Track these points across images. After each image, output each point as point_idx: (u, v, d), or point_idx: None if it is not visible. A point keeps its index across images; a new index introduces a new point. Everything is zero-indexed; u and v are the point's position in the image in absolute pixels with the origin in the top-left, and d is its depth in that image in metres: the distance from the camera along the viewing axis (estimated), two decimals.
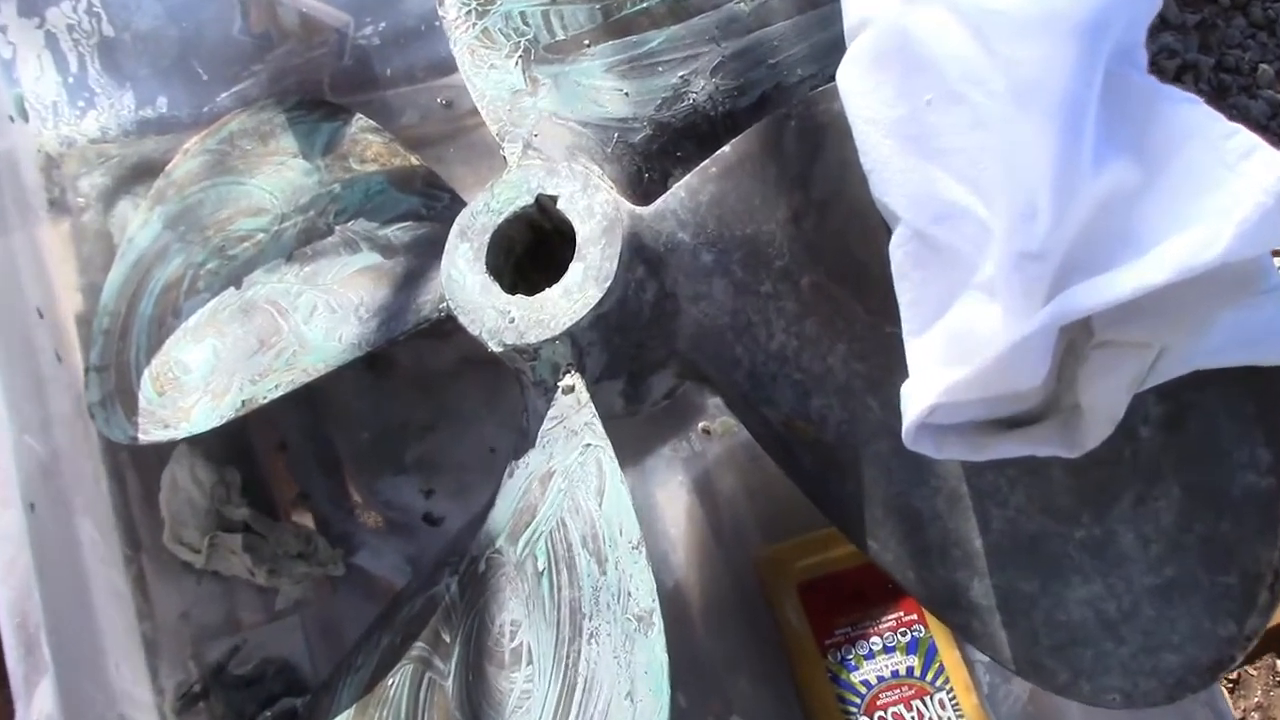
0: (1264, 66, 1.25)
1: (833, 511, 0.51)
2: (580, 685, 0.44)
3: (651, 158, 0.56)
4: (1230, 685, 0.98)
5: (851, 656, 0.61)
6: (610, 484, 0.47)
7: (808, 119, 0.49)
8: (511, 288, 0.52)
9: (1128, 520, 0.44)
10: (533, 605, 0.47)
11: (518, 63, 0.57)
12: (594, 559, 0.46)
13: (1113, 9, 0.38)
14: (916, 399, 0.42)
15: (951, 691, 0.61)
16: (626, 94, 0.56)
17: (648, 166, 0.56)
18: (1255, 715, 0.99)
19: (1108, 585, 0.44)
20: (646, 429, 0.69)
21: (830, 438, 0.49)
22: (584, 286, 0.50)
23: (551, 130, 0.56)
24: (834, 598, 0.63)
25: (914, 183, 0.43)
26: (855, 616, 0.62)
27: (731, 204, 0.51)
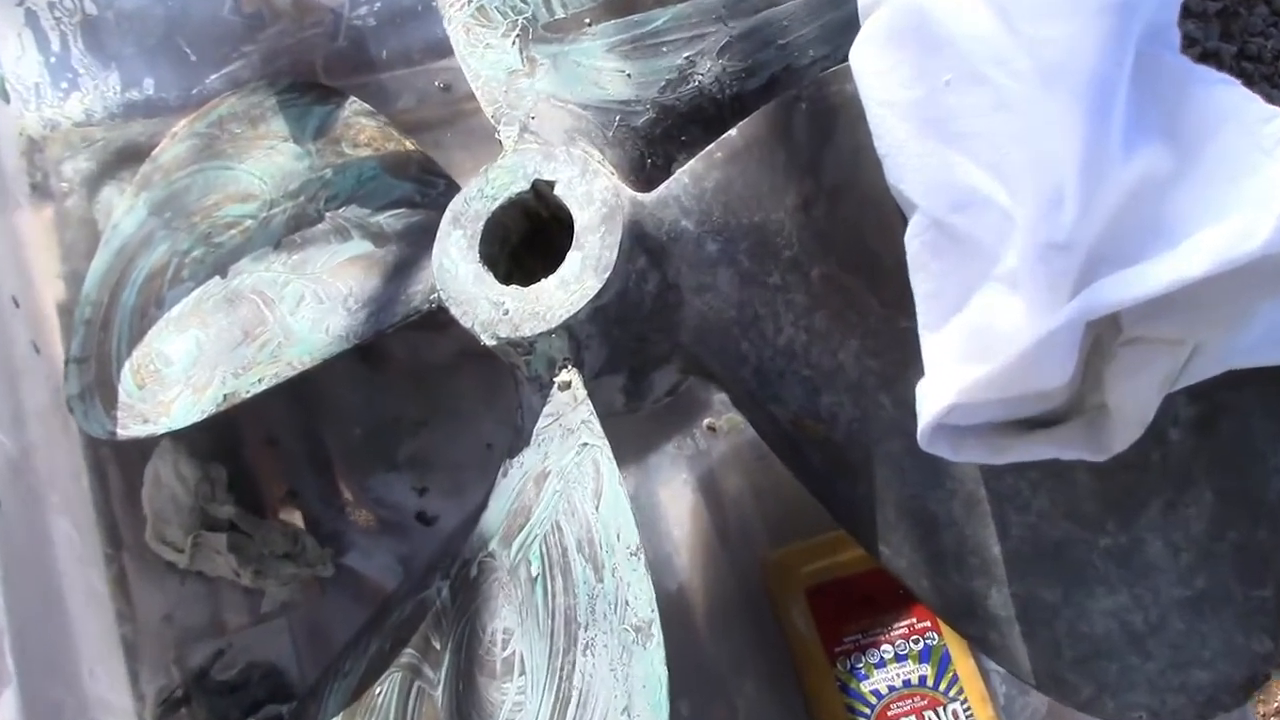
0: None
1: (843, 514, 0.50)
2: (575, 699, 0.43)
3: (655, 142, 0.55)
4: None
5: (861, 665, 0.61)
6: (608, 486, 0.46)
7: (819, 101, 0.48)
8: (507, 278, 0.51)
9: (1156, 528, 0.44)
10: (526, 613, 0.46)
11: (515, 42, 0.56)
12: (590, 565, 0.45)
13: None
14: (933, 398, 0.41)
15: (966, 703, 0.60)
16: (629, 75, 0.55)
17: (650, 151, 0.55)
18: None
19: (1134, 596, 0.44)
20: (649, 425, 0.68)
21: (840, 437, 0.49)
22: (582, 277, 0.49)
23: (550, 113, 0.55)
24: (843, 603, 0.62)
25: (932, 168, 0.42)
26: (865, 623, 0.62)
27: (738, 191, 0.50)
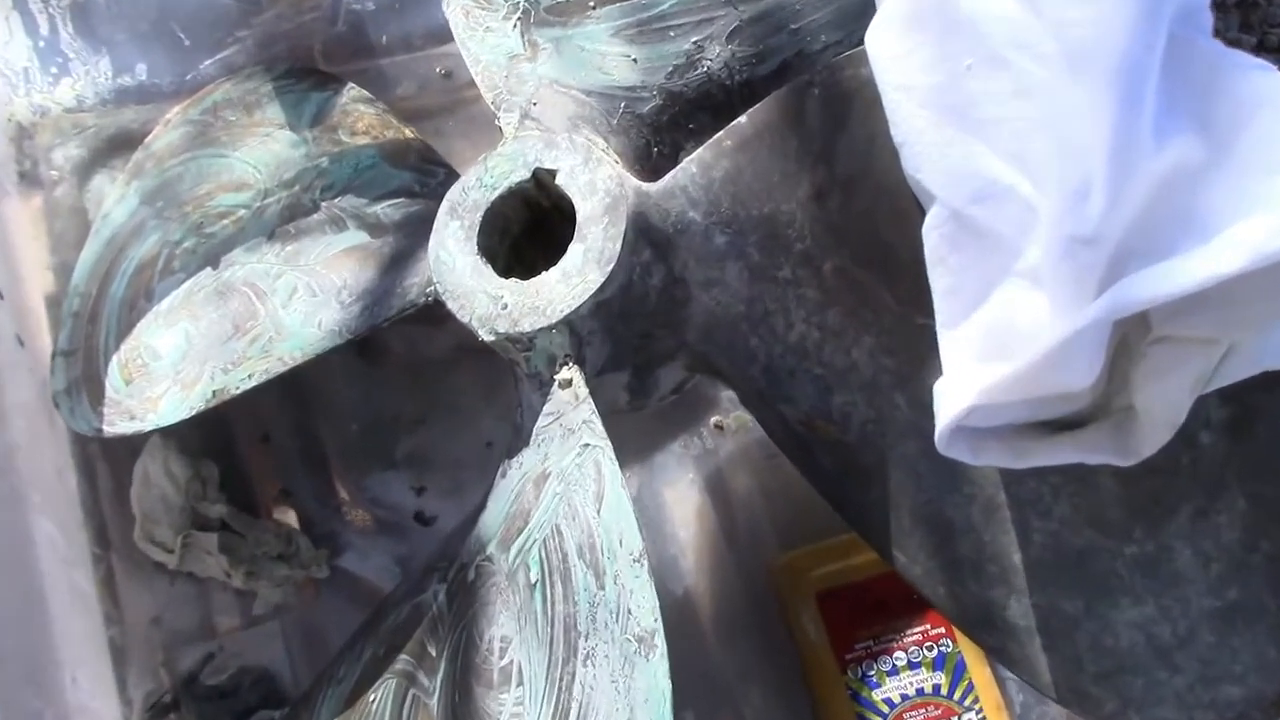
0: None
1: (855, 519, 0.49)
2: (574, 711, 0.42)
3: (661, 130, 0.54)
4: None
5: (873, 672, 0.60)
6: (610, 489, 0.45)
7: (833, 86, 0.47)
8: (506, 270, 0.50)
9: (1185, 536, 0.42)
10: (524, 620, 0.45)
11: (516, 25, 0.55)
12: (591, 571, 0.43)
13: None
14: (951, 399, 0.40)
15: (981, 712, 0.59)
16: (635, 60, 0.54)
17: (657, 140, 0.54)
18: None
19: (1161, 608, 0.43)
20: (654, 423, 0.67)
21: (853, 439, 0.48)
22: (584, 270, 0.47)
23: (552, 99, 0.54)
24: (855, 608, 0.61)
25: (951, 157, 0.40)
26: (878, 629, 0.61)
27: (748, 181, 0.49)
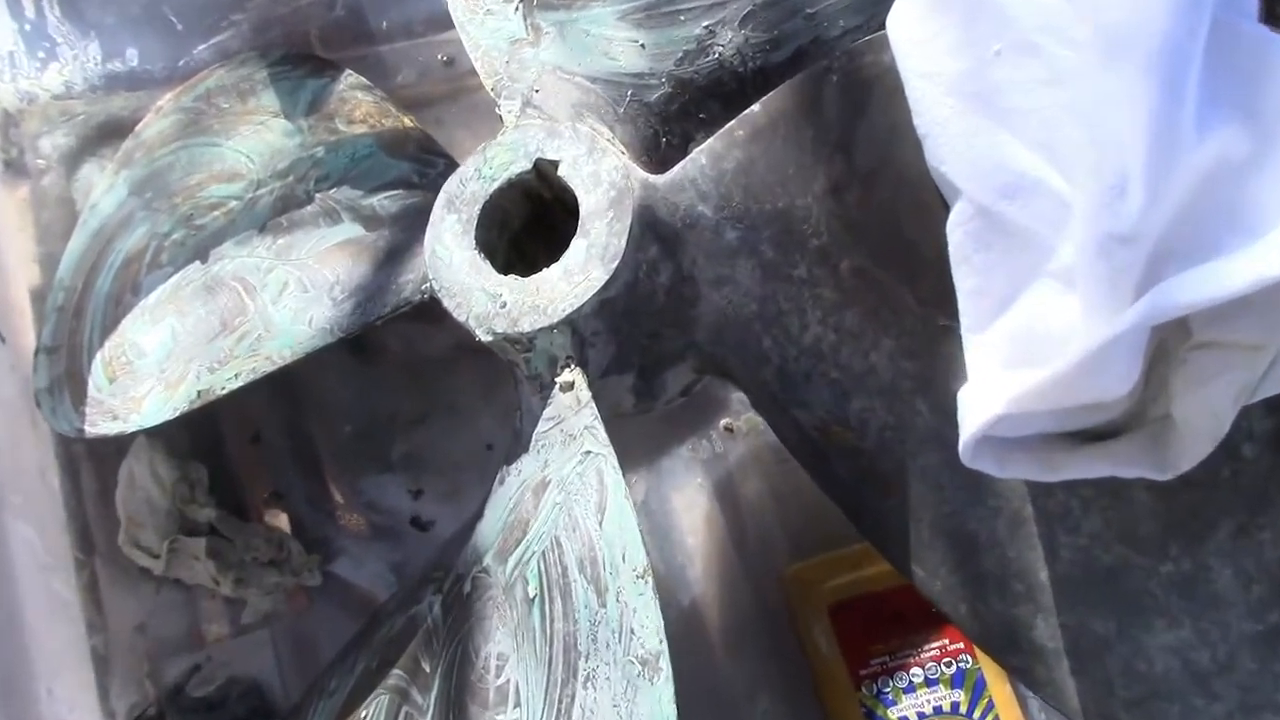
0: None
1: (872, 531, 0.47)
2: None
3: (670, 119, 0.53)
4: None
5: (889, 689, 0.58)
6: (613, 500, 0.43)
7: (852, 73, 0.46)
8: (506, 267, 0.48)
9: (1225, 554, 0.41)
10: (522, 637, 0.43)
11: (518, 8, 0.54)
12: (592, 587, 0.41)
13: None
14: (978, 408, 0.38)
15: None
16: (643, 46, 0.52)
17: (666, 129, 0.53)
18: None
19: (1199, 631, 0.41)
20: (661, 425, 0.66)
21: (871, 446, 0.46)
22: (587, 267, 0.46)
23: (555, 86, 0.52)
24: (870, 621, 0.60)
25: (978, 149, 0.39)
26: (894, 644, 0.59)
27: (761, 173, 0.47)
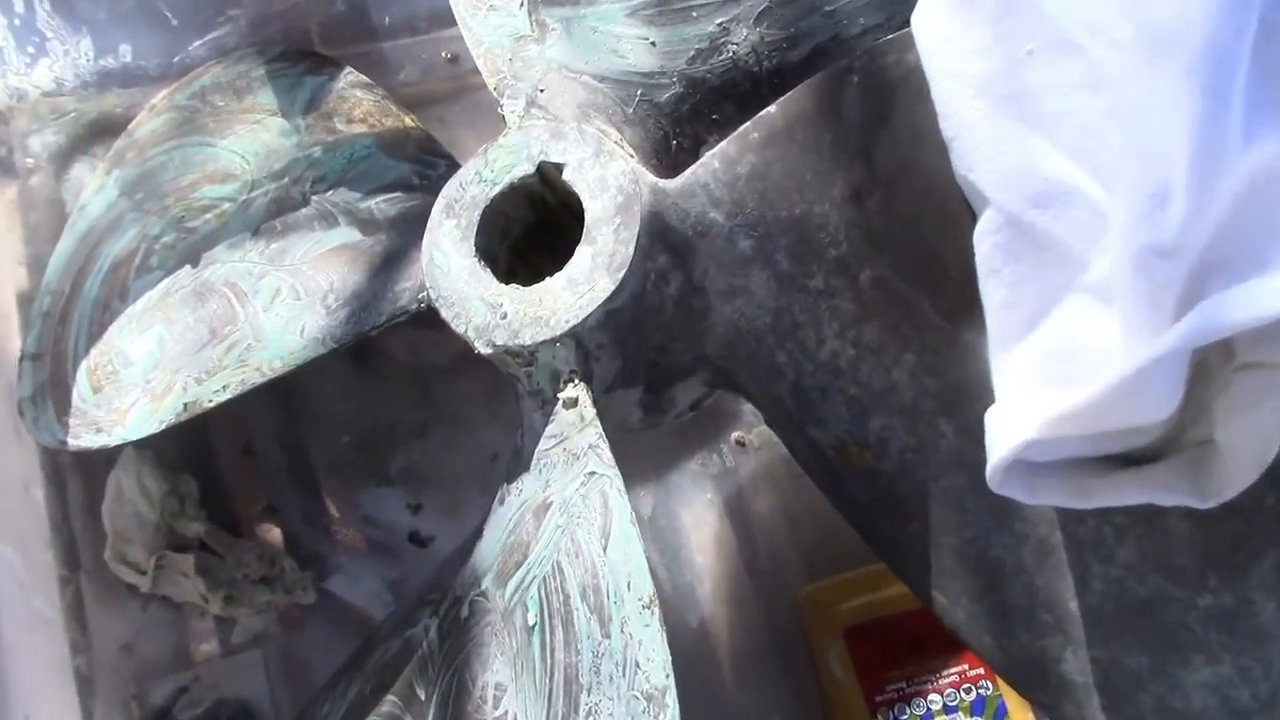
0: None
1: (891, 555, 0.46)
2: None
3: (681, 121, 0.52)
4: None
5: (906, 716, 0.57)
6: (617, 525, 0.41)
7: (874, 73, 0.45)
8: (507, 275, 0.47)
9: (1269, 587, 0.39)
10: (521, 667, 0.42)
11: (523, 3, 0.52)
12: (595, 617, 0.40)
13: None
14: (1007, 432, 0.36)
15: None
16: (653, 43, 0.51)
17: (676, 131, 0.52)
18: None
19: (1239, 668, 0.39)
20: (670, 438, 0.65)
21: (891, 467, 0.45)
22: (592, 276, 0.44)
23: (561, 85, 0.51)
24: (887, 645, 0.59)
25: (1008, 155, 0.38)
26: (911, 669, 0.58)
27: (777, 178, 0.46)
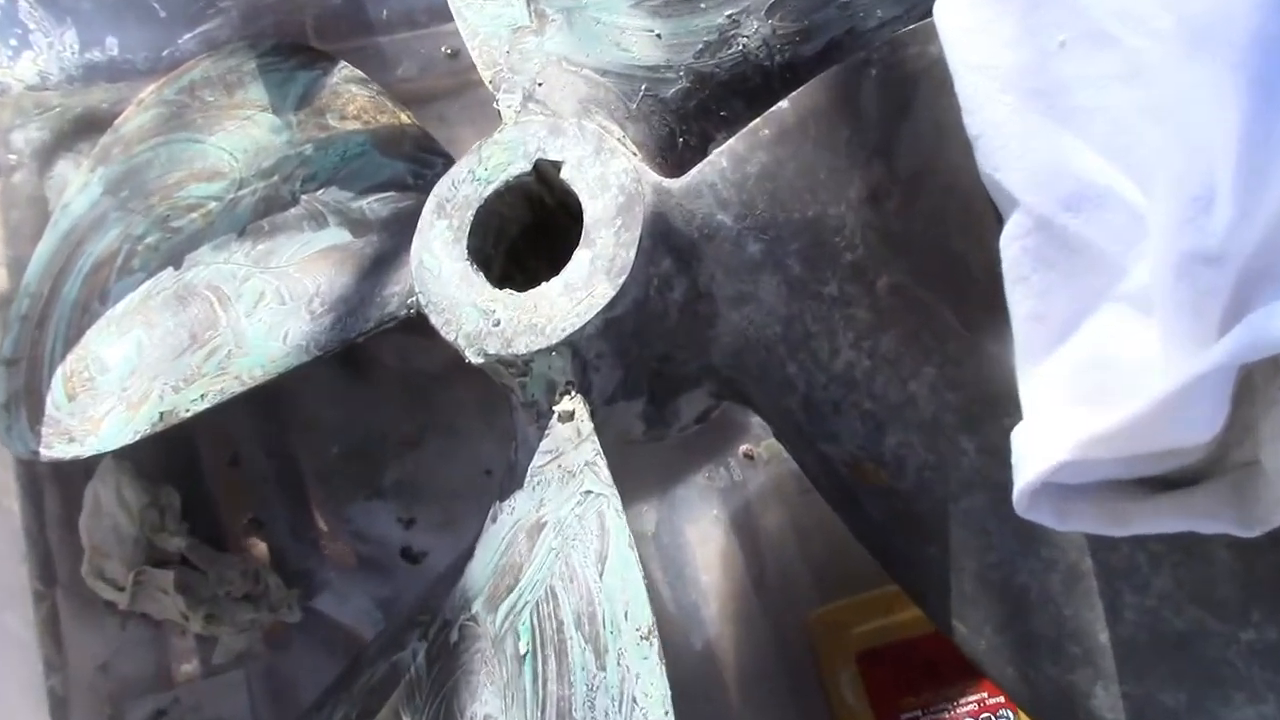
0: None
1: (908, 579, 0.44)
2: None
3: (688, 117, 0.50)
4: None
5: None
6: (615, 549, 0.40)
7: (894, 66, 0.43)
8: (502, 280, 0.46)
9: None
10: (511, 698, 0.40)
11: None
12: (590, 648, 0.38)
13: None
14: (1036, 453, 0.34)
15: None
16: (658, 36, 0.50)
17: (683, 128, 0.50)
18: None
19: None
20: (674, 451, 0.63)
21: (908, 486, 0.43)
22: (591, 281, 0.43)
23: (561, 79, 0.50)
24: (901, 671, 0.57)
25: (1038, 153, 0.37)
26: (926, 696, 0.57)
27: (789, 178, 0.45)
